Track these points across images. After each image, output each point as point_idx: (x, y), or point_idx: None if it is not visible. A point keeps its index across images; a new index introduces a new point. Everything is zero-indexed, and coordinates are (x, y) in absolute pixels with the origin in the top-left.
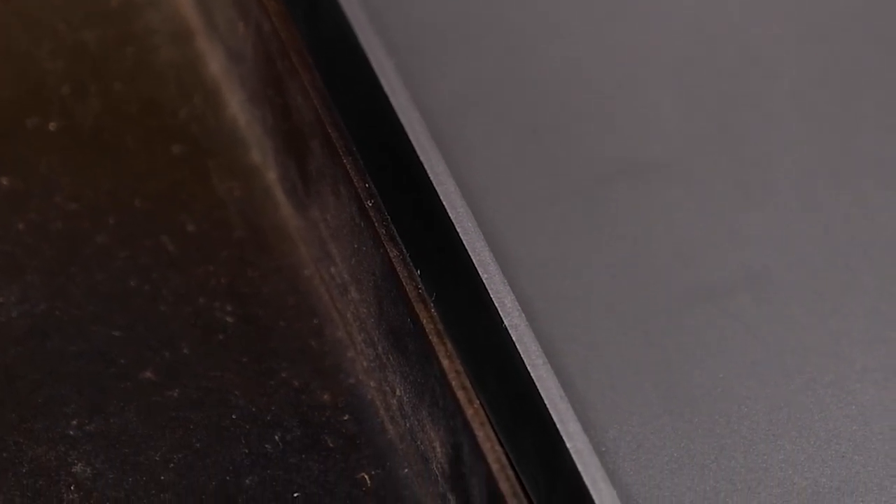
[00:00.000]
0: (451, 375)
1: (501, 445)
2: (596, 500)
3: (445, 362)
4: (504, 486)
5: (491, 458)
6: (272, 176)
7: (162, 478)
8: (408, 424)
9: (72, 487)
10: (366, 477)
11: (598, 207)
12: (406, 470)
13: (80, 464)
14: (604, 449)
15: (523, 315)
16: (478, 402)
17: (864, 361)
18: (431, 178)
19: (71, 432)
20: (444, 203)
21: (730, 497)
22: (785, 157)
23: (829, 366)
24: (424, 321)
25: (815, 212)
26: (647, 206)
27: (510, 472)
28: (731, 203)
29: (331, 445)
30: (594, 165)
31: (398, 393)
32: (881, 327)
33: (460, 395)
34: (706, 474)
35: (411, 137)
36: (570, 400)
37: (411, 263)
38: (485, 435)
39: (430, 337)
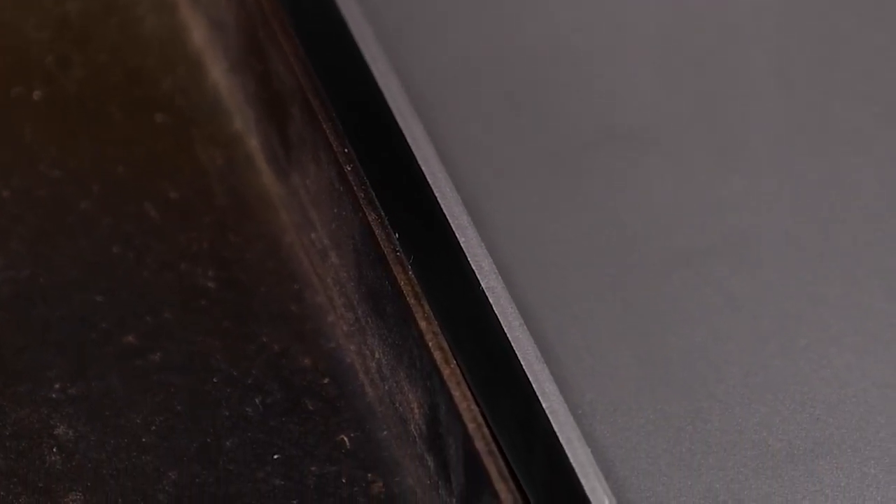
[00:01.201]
0: (428, 337)
1: (478, 405)
2: (571, 459)
3: (423, 324)
4: (480, 445)
5: (467, 418)
6: (254, 144)
7: (143, 440)
8: (386, 387)
9: (54, 449)
10: (345, 439)
11: (576, 174)
12: (385, 432)
13: (62, 426)
14: (580, 412)
15: (500, 278)
16: (454, 362)
17: (839, 326)
18: (410, 144)
19: (54, 395)
20: (423, 168)
21: (705, 459)
22: (762, 124)
23: (805, 330)
24: (402, 283)
25: (792, 178)
26: (625, 173)
27: (486, 431)
28: (708, 170)
29: (310, 408)
30: (573, 132)
31: (377, 356)
32: (856, 292)
33: (437, 355)
34: (682, 436)
35: (391, 104)
36: (547, 362)
37: (389, 227)
38: (461, 394)
39: (408, 299)
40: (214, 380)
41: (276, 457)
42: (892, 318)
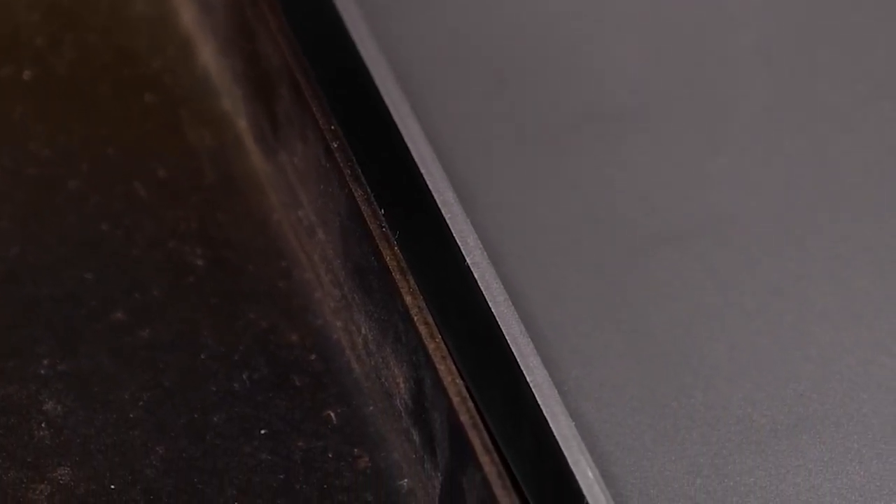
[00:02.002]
0: (413, 311)
1: (462, 379)
2: (555, 433)
3: (408, 298)
4: (464, 419)
5: (452, 392)
6: (242, 123)
7: (131, 415)
8: (373, 362)
9: (42, 424)
10: (331, 414)
11: (562, 152)
12: (371, 407)
13: (51, 402)
14: (566, 388)
15: (485, 254)
16: (439, 336)
17: (823, 303)
18: (397, 122)
19: (42, 371)
20: (409, 145)
21: (689, 434)
22: (747, 104)
23: (789, 308)
24: (388, 259)
25: (776, 157)
26: (611, 152)
27: (470, 405)
28: (693, 149)
29: (297, 384)
30: (560, 112)
31: (363, 331)
32: (841, 270)
33: (422, 330)
34: (666, 412)
35: (377, 82)
36: (532, 339)
37: (376, 203)
38: (446, 368)
39: (394, 274)
40: (202, 356)
41: (262, 432)
42: (875, 295)
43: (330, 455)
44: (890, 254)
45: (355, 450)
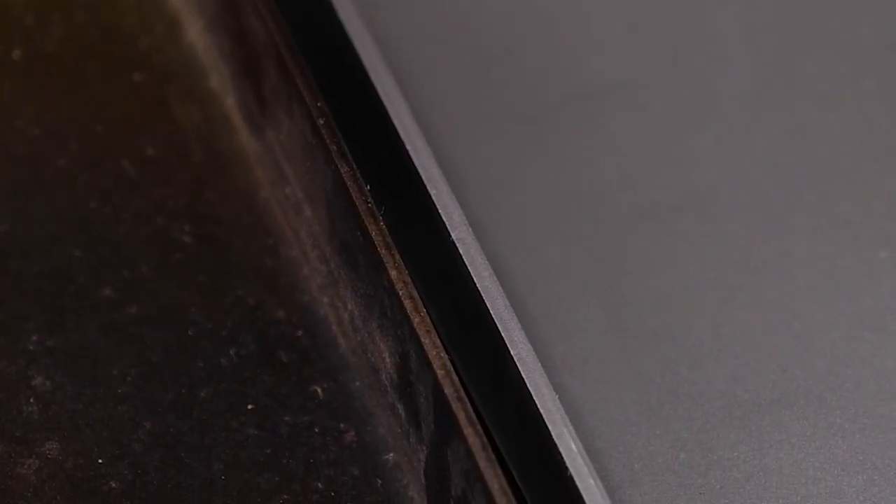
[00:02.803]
0: (399, 286)
1: (447, 352)
2: (539, 405)
3: (393, 273)
4: (449, 392)
5: (437, 365)
6: (230, 101)
7: (119, 391)
8: (359, 338)
9: (31, 399)
10: (318, 390)
11: (547, 129)
12: (357, 382)
13: (39, 377)
14: (551, 364)
15: (470, 229)
16: (424, 311)
17: (806, 279)
18: (382, 98)
19: (31, 347)
20: (395, 121)
21: (673, 409)
22: (730, 81)
23: (772, 283)
24: (374, 234)
25: (759, 134)
26: (595, 129)
27: (455, 378)
28: (676, 126)
29: (284, 360)
30: (544, 89)
31: (349, 307)
32: (823, 246)
33: (407, 304)
34: (651, 387)
35: (363, 58)
36: (517, 315)
37: (361, 179)
38: (431, 342)
39: (379, 249)
40: (190, 332)
41: (249, 407)
42: (858, 271)
43: (316, 430)
44: (872, 230)
45: (341, 424)
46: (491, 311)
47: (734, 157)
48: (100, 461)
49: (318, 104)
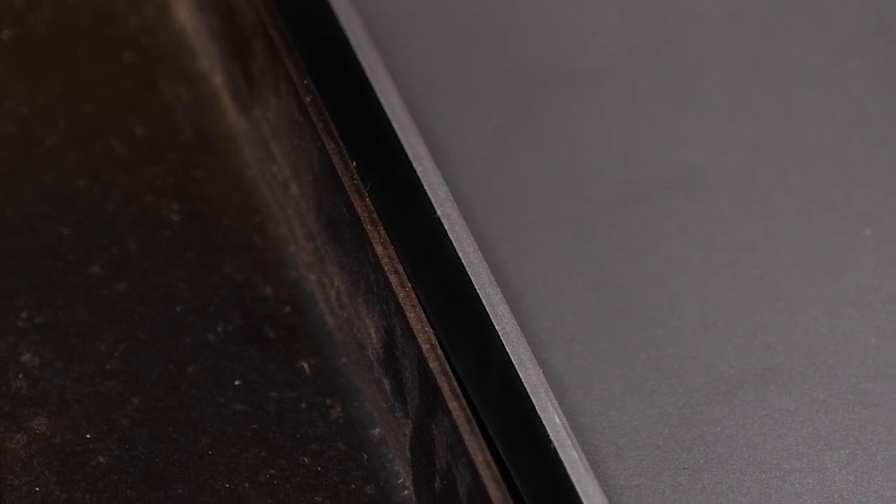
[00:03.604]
0: (384, 261)
1: (432, 327)
2: (523, 379)
3: (379, 248)
4: (433, 365)
5: (421, 339)
6: (218, 81)
7: (107, 366)
8: (345, 314)
9: (20, 375)
10: (305, 366)
11: (535, 109)
12: (343, 358)
13: (28, 353)
14: (537, 340)
15: (455, 205)
16: (409, 286)
17: (790, 257)
18: (369, 76)
19: (20, 324)
20: (381, 99)
21: (658, 385)
22: (717, 61)
23: (757, 261)
24: (359, 210)
25: (745, 114)
26: (583, 110)
27: (439, 352)
28: (664, 106)
29: (271, 336)
30: (533, 71)
31: (336, 283)
32: (807, 224)
33: (393, 279)
34: (636, 364)
35: (350, 37)
36: (503, 289)
37: (347, 156)
38: (416, 317)
39: (365, 225)
40: (177, 309)
41: (236, 383)
42: (841, 249)
43: (303, 405)
44: (856, 209)
45: (328, 400)
46: (475, 286)
47: (721, 138)
48: (88, 436)
49: (305, 82)
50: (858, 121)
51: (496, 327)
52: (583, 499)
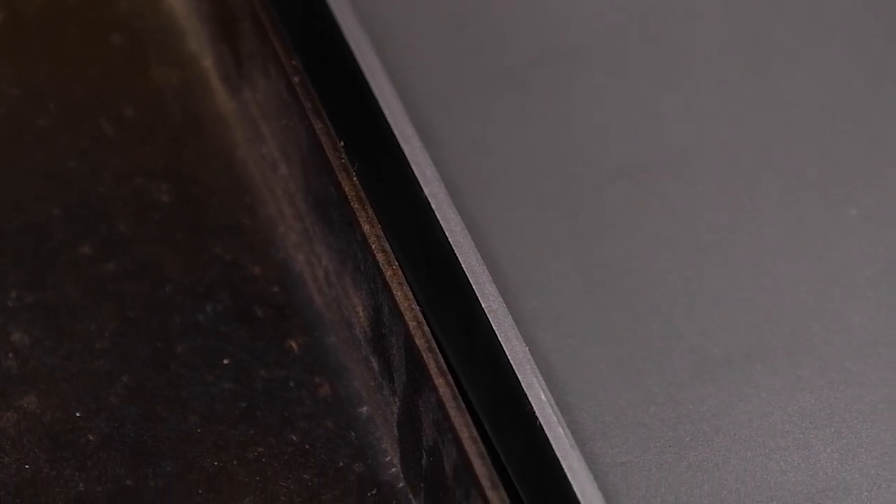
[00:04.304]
0: (371, 240)
1: (419, 305)
2: (509, 356)
3: (366, 227)
4: (420, 342)
5: (408, 317)
6: (207, 62)
7: (97, 345)
8: (334, 293)
9: (10, 354)
10: (293, 345)
11: (521, 89)
12: (332, 337)
13: (18, 332)
14: (523, 319)
15: (442, 184)
16: (396, 264)
17: (776, 237)
18: (357, 56)
19: (10, 303)
20: (369, 79)
21: (644, 364)
22: (701, 42)
23: (742, 241)
24: (347, 189)
25: (730, 94)
26: (569, 90)
27: (426, 329)
28: (650, 86)
29: (260, 316)
30: (518, 51)
31: (324, 263)
32: (793, 203)
33: (380, 257)
34: (622, 343)
35: (338, 17)
36: (489, 268)
37: (335, 136)
38: (403, 294)
39: (352, 204)
40: (167, 288)
41: (225, 361)
42: (825, 228)
43: (291, 384)
44: (841, 189)
45: (316, 378)
46: (462, 264)
47: (706, 118)
48: (77, 414)
49: (293, 62)
50: (844, 101)
51: (482, 304)
52: (568, 475)
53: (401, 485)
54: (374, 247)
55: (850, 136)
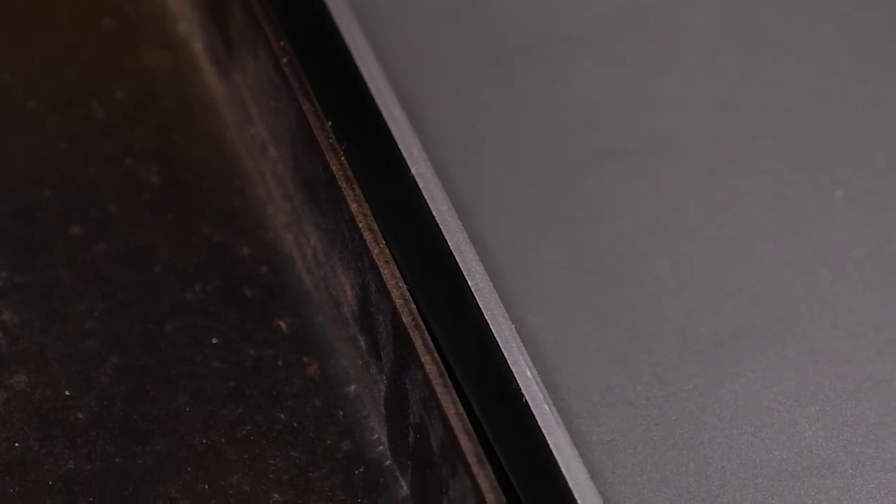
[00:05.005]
0: (359, 219)
1: (406, 283)
2: (495, 333)
3: (354, 206)
4: (407, 320)
5: (395, 295)
6: (198, 46)
7: (87, 326)
8: (322, 273)
9: (0, 334)
10: (281, 324)
11: (511, 74)
12: (320, 317)
13: (7, 312)
14: (510, 299)
15: (430, 164)
16: (384, 242)
17: (763, 219)
18: (346, 39)
19: (1, 284)
20: (357, 61)
21: (632, 344)
22: (691, 26)
23: (730, 223)
24: (335, 169)
25: (719, 78)
26: (558, 74)
27: (413, 307)
28: (638, 71)
29: (249, 296)
30: (508, 37)
31: (312, 243)
32: (779, 186)
33: (367, 236)
34: (609, 323)
35: (328, 1)
36: (477, 249)
37: (323, 116)
38: (390, 273)
39: (340, 183)
40: (156, 269)
41: (214, 341)
42: (813, 211)
43: (280, 363)
44: (827, 172)
45: (304, 358)
46: (449, 243)
47: (694, 101)
48: (67, 393)
49: (282, 44)
50: (831, 85)
51: (469, 283)
52: (553, 451)
53: (388, 462)
54: (361, 226)
55: (836, 119)
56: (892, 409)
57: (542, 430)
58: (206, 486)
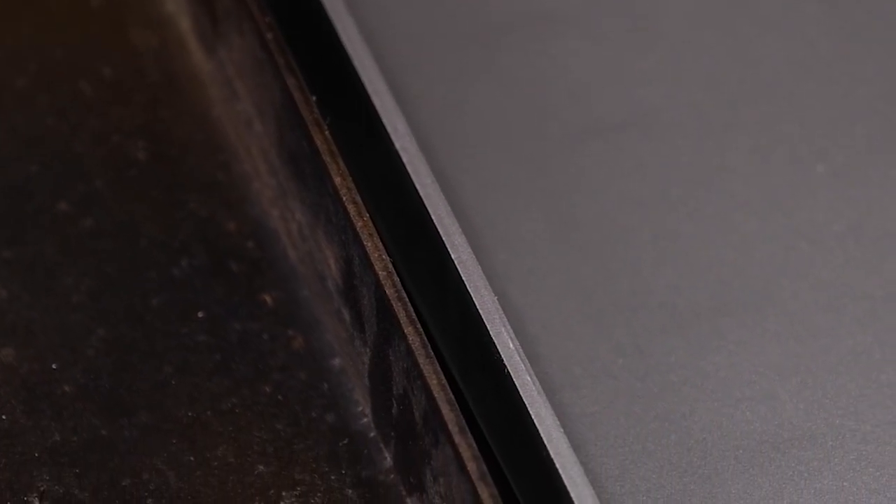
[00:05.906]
0: (342, 191)
1: (389, 255)
2: (478, 305)
3: (337, 180)
4: (390, 292)
5: (378, 267)
6: (185, 24)
7: (73, 300)
8: (307, 247)
9: None
10: (267, 298)
11: (494, 50)
12: (305, 291)
13: None
14: (493, 273)
15: (414, 140)
16: (367, 215)
17: (745, 194)
18: (330, 15)
19: None
20: (342, 36)
21: (614, 318)
22: (672, 3)
23: (712, 197)
24: (319, 143)
25: (702, 54)
26: (542, 51)
27: (396, 279)
28: (622, 46)
29: (234, 270)
30: (493, 14)
31: (297, 217)
32: (762, 162)
33: (351, 209)
34: (593, 298)
35: None
36: (459, 220)
37: (308, 90)
38: (373, 245)
39: (324, 157)
40: (142, 244)
41: (200, 315)
42: (794, 185)
43: (265, 336)
44: (809, 146)
45: (289, 331)
46: (432, 216)
47: (677, 77)
48: (53, 366)
49: (267, 19)
50: (812, 61)
51: (452, 256)
52: (535, 422)
53: (372, 434)
54: (345, 199)
55: (817, 94)
56: (872, 382)
57: (524, 400)
58: (192, 458)
